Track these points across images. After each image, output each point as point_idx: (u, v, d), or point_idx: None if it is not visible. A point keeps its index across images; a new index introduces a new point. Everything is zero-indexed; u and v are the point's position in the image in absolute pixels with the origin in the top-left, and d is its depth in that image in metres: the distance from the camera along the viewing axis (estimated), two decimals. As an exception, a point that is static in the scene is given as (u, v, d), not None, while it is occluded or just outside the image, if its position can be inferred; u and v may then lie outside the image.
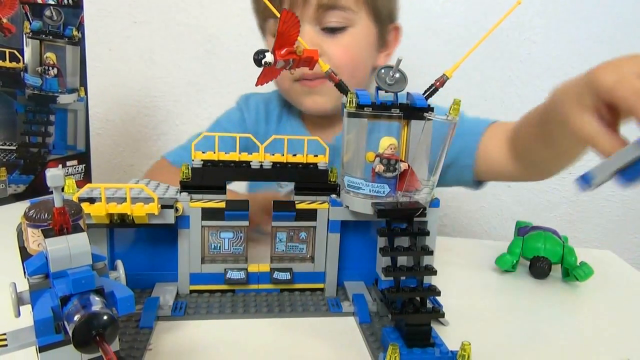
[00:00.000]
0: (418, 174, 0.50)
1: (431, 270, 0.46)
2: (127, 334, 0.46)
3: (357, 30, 0.79)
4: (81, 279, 0.32)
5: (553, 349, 0.50)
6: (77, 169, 0.96)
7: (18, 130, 0.88)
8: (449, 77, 0.50)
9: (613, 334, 0.54)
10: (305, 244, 0.56)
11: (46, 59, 0.89)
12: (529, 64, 1.25)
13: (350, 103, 0.48)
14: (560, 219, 1.34)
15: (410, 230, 0.46)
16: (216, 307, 0.52)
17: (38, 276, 0.34)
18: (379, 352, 0.44)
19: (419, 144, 0.50)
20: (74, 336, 0.30)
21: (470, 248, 0.76)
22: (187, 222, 0.52)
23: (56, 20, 0.89)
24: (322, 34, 0.78)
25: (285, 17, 0.44)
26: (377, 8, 0.81)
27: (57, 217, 0.33)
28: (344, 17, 0.77)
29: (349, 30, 0.78)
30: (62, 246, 0.33)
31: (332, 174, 0.55)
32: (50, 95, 0.90)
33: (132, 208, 0.48)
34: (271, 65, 0.47)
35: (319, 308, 0.53)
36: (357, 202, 0.50)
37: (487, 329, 0.52)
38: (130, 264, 0.43)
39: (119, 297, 0.34)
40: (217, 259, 0.55)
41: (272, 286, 0.55)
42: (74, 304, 0.31)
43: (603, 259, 0.74)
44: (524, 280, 0.66)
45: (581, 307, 0.60)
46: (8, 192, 0.88)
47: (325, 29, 0.77)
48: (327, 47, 0.77)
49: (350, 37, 0.78)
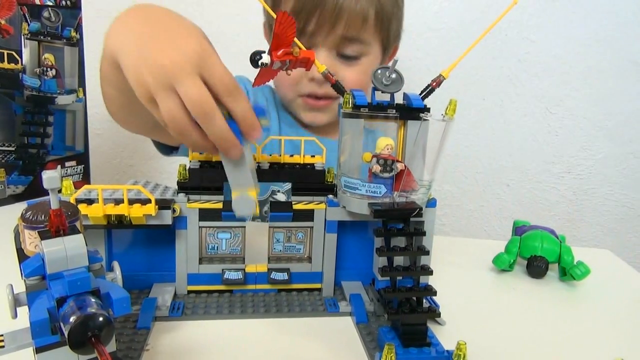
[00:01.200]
0: (414, 174, 0.51)
1: (427, 271, 0.46)
2: (125, 334, 0.46)
3: (369, 59, 0.83)
4: (77, 281, 0.32)
5: (549, 348, 0.50)
6: (76, 169, 0.97)
7: (17, 131, 0.88)
8: (445, 77, 0.51)
9: (609, 333, 0.54)
10: (302, 244, 0.56)
11: (44, 60, 0.89)
12: (527, 63, 1.25)
13: (346, 104, 0.48)
14: (559, 218, 1.35)
15: (407, 231, 0.47)
16: (214, 307, 0.52)
17: (35, 278, 0.34)
18: (376, 352, 0.44)
19: (416, 144, 0.50)
20: (69, 337, 0.30)
21: (468, 247, 0.76)
22: (185, 222, 0.52)
23: (54, 21, 0.89)
24: (337, 59, 0.81)
25: (281, 18, 0.45)
26: (389, 38, 0.85)
27: (53, 219, 0.33)
28: (361, 48, 0.81)
29: (362, 60, 0.82)
30: (58, 248, 0.33)
31: (329, 175, 0.55)
32: (48, 96, 0.91)
33: (130, 209, 0.48)
34: (268, 66, 0.47)
35: (316, 308, 0.53)
36: (354, 203, 0.50)
37: (483, 329, 0.52)
38: (128, 265, 0.43)
39: (115, 299, 0.34)
40: (215, 259, 0.55)
41: (270, 286, 0.56)
42: (70, 305, 0.31)
43: (601, 259, 0.74)
44: (521, 279, 0.66)
45: (578, 306, 0.60)
46: (7, 193, 0.88)
47: (340, 55, 0.81)
48: (342, 72, 0.81)
49: (363, 65, 0.82)
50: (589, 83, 1.25)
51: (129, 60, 0.46)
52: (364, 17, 0.77)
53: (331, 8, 0.75)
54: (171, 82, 0.43)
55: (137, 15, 0.52)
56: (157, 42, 0.45)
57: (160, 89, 0.43)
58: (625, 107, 1.27)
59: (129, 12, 0.53)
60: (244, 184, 0.47)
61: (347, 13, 0.76)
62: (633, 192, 1.32)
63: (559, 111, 1.27)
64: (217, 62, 0.45)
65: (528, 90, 1.26)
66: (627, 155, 1.30)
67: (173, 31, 0.48)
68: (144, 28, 0.49)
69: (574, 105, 1.27)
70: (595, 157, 1.31)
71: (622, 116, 1.28)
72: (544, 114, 1.27)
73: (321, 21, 0.76)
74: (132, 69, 0.46)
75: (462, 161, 1.31)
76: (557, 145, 1.30)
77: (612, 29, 1.23)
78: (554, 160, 1.31)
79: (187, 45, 0.44)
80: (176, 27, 0.49)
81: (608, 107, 1.27)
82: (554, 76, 1.24)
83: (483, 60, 1.24)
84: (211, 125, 0.43)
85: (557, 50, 1.24)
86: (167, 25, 0.50)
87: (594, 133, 1.29)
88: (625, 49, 1.24)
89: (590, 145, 1.30)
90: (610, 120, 1.28)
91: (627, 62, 1.25)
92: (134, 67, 0.45)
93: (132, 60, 0.46)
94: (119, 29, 0.51)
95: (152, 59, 0.44)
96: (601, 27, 1.23)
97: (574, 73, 1.25)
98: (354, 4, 0.76)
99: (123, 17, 0.53)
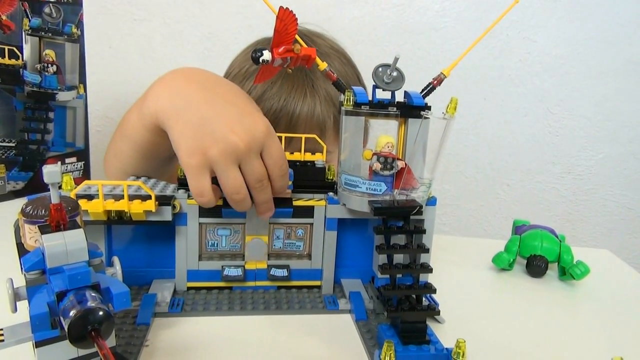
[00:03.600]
0: (415, 172, 0.51)
1: (427, 268, 0.46)
2: (124, 330, 0.46)
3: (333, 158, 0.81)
4: (77, 275, 0.32)
5: (548, 347, 0.50)
6: (76, 166, 0.96)
7: (17, 127, 0.88)
8: (446, 75, 0.50)
9: (608, 333, 0.54)
10: (302, 241, 0.56)
11: (45, 56, 0.89)
12: (528, 63, 1.25)
13: (347, 101, 0.48)
14: (558, 218, 1.35)
15: (407, 228, 0.47)
16: (213, 304, 0.52)
17: (35, 272, 0.34)
18: (375, 349, 0.44)
19: (416, 142, 0.50)
20: (69, 331, 0.30)
21: (467, 246, 0.77)
22: (185, 219, 0.52)
23: (55, 17, 0.89)
24: None
25: (282, 14, 0.44)
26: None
27: (53, 214, 0.33)
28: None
29: None
30: (58, 242, 0.33)
31: (330, 172, 0.55)
32: (49, 93, 0.91)
33: (130, 205, 0.48)
34: (269, 64, 0.47)
35: (315, 305, 0.53)
36: (354, 200, 0.50)
37: (482, 327, 0.53)
38: (127, 261, 0.43)
39: (115, 293, 0.34)
40: (215, 256, 0.55)
41: (269, 283, 0.56)
42: (70, 299, 0.31)
43: (601, 258, 0.74)
44: (520, 278, 0.66)
45: (577, 306, 0.60)
46: (7, 188, 0.88)
47: None
48: None
49: None
50: (590, 83, 1.26)
51: (187, 129, 0.48)
52: (321, 127, 0.75)
53: (287, 119, 0.74)
54: (239, 159, 0.47)
55: (189, 79, 0.53)
56: (224, 117, 0.48)
57: (226, 163, 0.47)
58: (625, 108, 1.27)
59: (176, 75, 0.54)
60: (259, 231, 0.54)
61: (303, 122, 0.74)
62: (633, 193, 1.33)
63: (560, 111, 1.27)
64: (277, 143, 0.49)
65: (529, 90, 1.26)
66: (628, 155, 1.30)
67: (238, 106, 0.50)
68: (200, 94, 0.50)
69: (574, 106, 1.27)
70: (595, 158, 1.31)
71: (622, 117, 1.28)
72: (544, 114, 1.27)
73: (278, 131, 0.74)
74: (190, 138, 0.47)
75: (462, 161, 1.31)
76: (558, 145, 1.30)
77: (613, 30, 1.23)
78: (554, 160, 1.31)
79: (256, 126, 0.48)
80: (239, 102, 0.51)
81: (608, 107, 1.27)
82: (554, 76, 1.24)
83: (484, 60, 1.24)
84: (263, 195, 0.50)
85: (558, 51, 1.24)
86: (225, 92, 0.52)
87: (594, 133, 1.29)
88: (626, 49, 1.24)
89: (590, 146, 1.30)
90: (610, 121, 1.28)
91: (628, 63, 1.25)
92: (194, 137, 0.47)
93: (192, 128, 0.47)
94: (169, 95, 0.51)
95: (221, 135, 0.46)
96: (602, 28, 1.23)
97: (574, 73, 1.25)
98: (310, 114, 0.74)
99: (169, 79, 0.53)
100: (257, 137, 0.47)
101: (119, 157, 0.61)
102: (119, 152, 0.60)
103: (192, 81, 0.53)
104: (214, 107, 0.49)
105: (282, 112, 0.74)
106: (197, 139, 0.47)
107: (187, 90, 0.51)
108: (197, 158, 0.47)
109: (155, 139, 0.54)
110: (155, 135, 0.54)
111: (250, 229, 0.54)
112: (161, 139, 0.53)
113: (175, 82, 0.53)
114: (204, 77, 0.54)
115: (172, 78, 0.54)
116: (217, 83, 0.54)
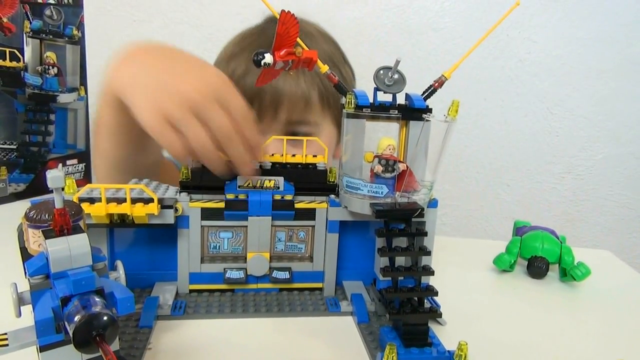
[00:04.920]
0: (416, 174, 0.51)
1: (429, 271, 0.46)
2: (127, 333, 0.46)
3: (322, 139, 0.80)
4: (81, 280, 0.32)
5: (550, 349, 0.50)
6: (77, 168, 0.97)
7: (18, 129, 0.88)
8: (447, 78, 0.51)
9: (610, 334, 0.54)
10: (304, 243, 0.56)
11: (46, 58, 0.89)
12: (528, 63, 1.25)
13: (349, 104, 0.48)
14: (559, 218, 1.35)
15: (409, 231, 0.47)
16: (215, 306, 0.52)
17: (39, 277, 0.34)
18: (377, 352, 0.44)
19: (418, 144, 0.50)
20: (74, 336, 0.30)
21: (468, 247, 0.77)
22: (187, 222, 0.52)
23: (56, 19, 0.89)
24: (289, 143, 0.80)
25: (284, 18, 0.45)
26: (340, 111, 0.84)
27: (57, 218, 0.33)
28: (309, 129, 0.78)
29: None
30: (62, 247, 0.33)
31: (331, 175, 0.55)
32: (50, 95, 0.91)
33: (132, 208, 0.48)
34: (270, 66, 0.47)
35: (317, 307, 0.54)
36: (355, 203, 0.50)
37: (484, 329, 0.53)
38: (130, 264, 0.43)
39: (119, 298, 0.34)
40: (217, 258, 0.55)
41: (271, 285, 0.56)
42: (75, 304, 0.31)
43: (601, 259, 0.74)
44: (521, 280, 0.66)
45: (578, 307, 0.60)
46: (8, 191, 0.88)
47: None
48: None
49: None
50: (590, 83, 1.26)
51: (144, 92, 0.47)
52: (306, 100, 0.75)
53: (271, 94, 0.73)
54: (197, 109, 0.44)
55: (147, 52, 0.52)
56: (177, 73, 0.46)
57: (183, 115, 0.44)
58: (625, 108, 1.27)
59: (132, 48, 0.52)
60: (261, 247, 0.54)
61: (287, 98, 0.74)
62: (633, 193, 1.33)
63: (560, 111, 1.27)
64: (237, 94, 0.47)
65: (529, 91, 1.26)
66: (628, 155, 1.30)
67: (190, 63, 0.49)
68: (158, 62, 0.49)
69: (574, 106, 1.27)
70: (595, 158, 1.31)
71: (622, 117, 1.28)
72: (544, 114, 1.27)
73: (263, 108, 0.74)
74: (149, 99, 0.46)
75: (462, 161, 1.31)
76: (558, 145, 1.30)
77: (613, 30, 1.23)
78: (554, 160, 1.31)
79: (207, 75, 0.46)
80: (192, 59, 0.50)
81: (609, 107, 1.27)
82: (555, 76, 1.24)
83: (484, 60, 1.24)
84: (233, 149, 0.47)
85: (558, 51, 1.24)
86: (182, 58, 0.50)
87: (595, 133, 1.29)
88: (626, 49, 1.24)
89: (590, 146, 1.30)
90: (610, 121, 1.28)
91: (628, 63, 1.25)
92: (151, 97, 0.46)
93: (149, 90, 0.46)
94: (126, 67, 0.50)
95: (174, 87, 0.45)
96: (602, 28, 1.23)
97: (574, 73, 1.25)
98: (294, 87, 0.74)
99: (128, 57, 0.52)
100: (211, 84, 0.45)
101: (99, 152, 0.60)
102: (97, 147, 0.60)
103: (148, 51, 0.52)
104: (173, 71, 0.48)
105: (267, 87, 0.73)
106: (153, 99, 0.46)
107: (144, 59, 0.50)
108: (154, 115, 0.45)
109: (121, 118, 0.52)
110: (119, 113, 0.52)
111: (252, 245, 0.54)
112: (125, 116, 0.51)
113: (132, 53, 0.52)
114: (162, 47, 0.53)
115: (129, 51, 0.53)
116: (176, 52, 0.53)
